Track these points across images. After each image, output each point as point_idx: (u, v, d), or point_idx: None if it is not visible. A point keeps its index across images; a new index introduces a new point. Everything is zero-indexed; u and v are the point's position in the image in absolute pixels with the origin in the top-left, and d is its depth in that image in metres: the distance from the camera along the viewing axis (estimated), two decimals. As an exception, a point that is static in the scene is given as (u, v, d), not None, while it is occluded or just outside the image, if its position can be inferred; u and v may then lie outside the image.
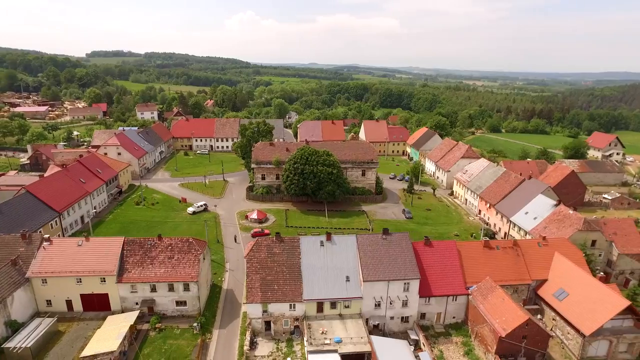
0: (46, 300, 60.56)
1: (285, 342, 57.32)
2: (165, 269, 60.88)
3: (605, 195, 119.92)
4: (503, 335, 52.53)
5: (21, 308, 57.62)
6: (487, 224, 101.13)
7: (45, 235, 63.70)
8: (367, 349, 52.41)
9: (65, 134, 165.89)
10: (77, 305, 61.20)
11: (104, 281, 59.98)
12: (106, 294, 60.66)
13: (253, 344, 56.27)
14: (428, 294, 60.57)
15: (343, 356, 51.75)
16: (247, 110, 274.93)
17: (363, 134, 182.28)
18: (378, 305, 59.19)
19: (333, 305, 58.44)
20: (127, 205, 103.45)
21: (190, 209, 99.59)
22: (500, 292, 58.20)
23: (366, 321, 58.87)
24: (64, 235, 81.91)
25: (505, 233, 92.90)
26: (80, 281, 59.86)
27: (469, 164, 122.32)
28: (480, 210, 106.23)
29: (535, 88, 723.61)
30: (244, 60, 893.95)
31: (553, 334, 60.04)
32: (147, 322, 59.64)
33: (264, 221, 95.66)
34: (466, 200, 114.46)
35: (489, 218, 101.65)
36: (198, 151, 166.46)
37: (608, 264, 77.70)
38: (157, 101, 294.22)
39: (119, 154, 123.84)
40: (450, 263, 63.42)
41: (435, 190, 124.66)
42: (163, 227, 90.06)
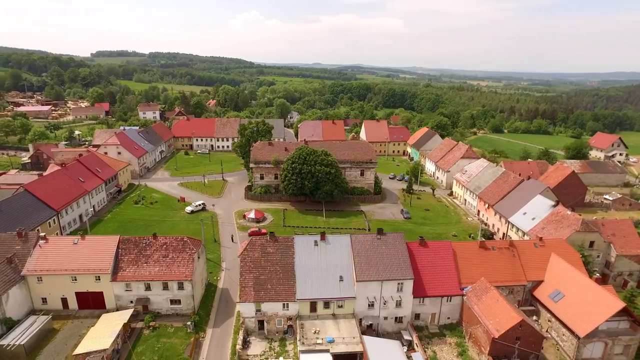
0: (42, 298, 60.97)
1: (279, 342, 57.30)
2: (160, 268, 61.07)
3: (606, 196, 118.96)
4: (496, 336, 52.24)
5: (16, 306, 57.98)
6: (486, 224, 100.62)
7: (41, 234, 64.04)
8: (359, 349, 52.28)
9: (67, 133, 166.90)
10: (72, 303, 61.54)
11: (99, 279, 60.27)
12: (101, 292, 60.97)
13: (246, 343, 56.33)
14: (422, 295, 60.33)
15: (335, 356, 51.67)
16: (249, 110, 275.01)
17: (364, 134, 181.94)
18: (371, 306, 59.03)
19: (326, 305, 58.34)
20: (126, 204, 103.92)
21: (189, 208, 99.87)
22: (495, 293, 57.88)
23: (360, 321, 58.75)
24: (62, 234, 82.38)
25: (503, 234, 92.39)
26: (75, 279, 60.20)
27: (468, 164, 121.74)
28: (479, 211, 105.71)
29: (540, 88, 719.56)
30: (247, 60, 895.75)
31: (548, 335, 59.69)
32: (142, 321, 59.89)
33: (262, 220, 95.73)
34: (465, 200, 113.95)
35: (487, 218, 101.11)
36: (199, 151, 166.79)
37: (606, 266, 77.03)
38: (160, 101, 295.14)
39: (119, 154, 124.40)
40: (445, 263, 63.15)
41: (434, 190, 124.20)
42: (161, 226, 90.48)
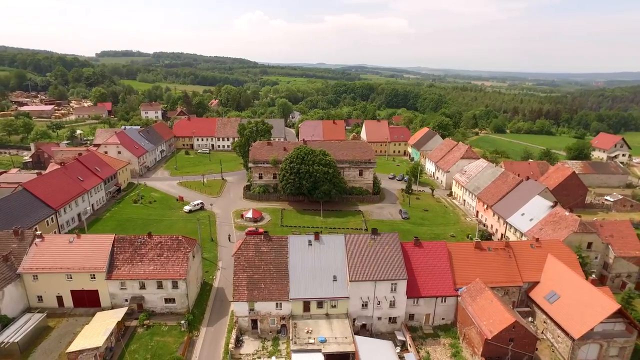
0: (37, 296, 61.37)
1: (272, 341, 57.31)
2: (154, 267, 61.29)
3: (608, 197, 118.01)
4: (489, 337, 51.96)
5: (12, 303, 58.41)
6: (485, 225, 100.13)
7: (38, 232, 64.46)
8: (351, 349, 52.16)
9: (69, 132, 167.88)
10: (68, 301, 61.88)
11: (94, 278, 60.59)
12: (96, 290, 61.29)
13: (239, 342, 56.40)
14: (416, 295, 60.10)
15: (327, 356, 51.60)
16: (251, 109, 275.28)
17: (364, 133, 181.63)
18: (365, 306, 58.89)
19: (320, 305, 58.25)
20: (125, 203, 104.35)
21: (187, 208, 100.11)
22: (489, 294, 57.57)
23: (353, 321, 58.63)
24: (61, 232, 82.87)
25: (501, 234, 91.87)
26: (70, 277, 60.52)
27: (468, 164, 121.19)
28: (477, 212, 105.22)
29: (545, 89, 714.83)
30: (251, 60, 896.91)
31: (543, 337, 59.35)
32: (136, 319, 60.13)
33: (259, 220, 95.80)
34: (464, 201, 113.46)
35: (486, 219, 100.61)
36: (199, 150, 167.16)
37: (604, 267, 76.42)
38: (163, 101, 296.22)
39: (119, 153, 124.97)
40: (440, 264, 62.89)
41: (433, 190, 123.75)
42: (159, 225, 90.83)
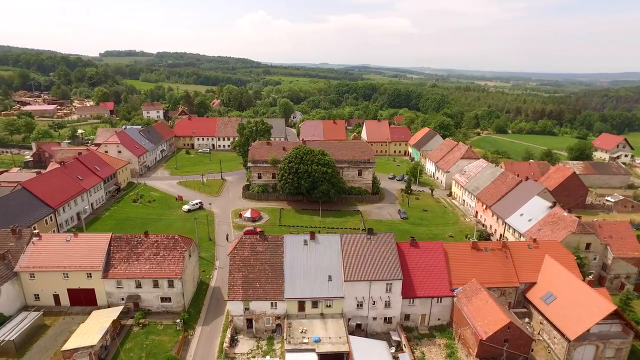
0: (34, 295, 61.64)
1: (266, 340, 57.32)
2: (150, 266, 61.45)
3: (609, 198, 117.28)
4: (484, 338, 51.77)
5: (9, 301, 58.71)
6: (484, 225, 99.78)
7: (35, 231, 64.77)
8: (345, 349, 52.10)
9: (70, 132, 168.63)
10: (64, 299, 62.12)
11: (90, 276, 60.79)
12: (92, 289, 61.49)
13: (234, 341, 56.47)
14: (412, 295, 59.95)
15: (320, 355, 51.58)
16: (253, 109, 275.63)
17: (365, 133, 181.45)
18: (360, 306, 58.80)
19: (315, 305, 58.22)
20: (124, 203, 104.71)
21: (186, 207, 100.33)
22: (485, 295, 57.34)
23: (348, 321, 58.56)
24: (59, 231, 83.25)
25: (500, 235, 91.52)
26: (67, 276, 60.76)
27: (468, 164, 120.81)
28: (477, 212, 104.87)
29: (548, 89, 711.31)
30: (254, 60, 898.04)
31: (540, 337, 59.06)
32: (132, 318, 60.32)
33: (258, 220, 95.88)
34: (464, 201, 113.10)
35: (485, 219, 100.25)
36: (200, 150, 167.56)
37: (603, 268, 75.93)
38: (165, 100, 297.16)
39: (119, 152, 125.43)
40: (436, 264, 62.69)
41: (433, 191, 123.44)
42: (157, 225, 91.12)
